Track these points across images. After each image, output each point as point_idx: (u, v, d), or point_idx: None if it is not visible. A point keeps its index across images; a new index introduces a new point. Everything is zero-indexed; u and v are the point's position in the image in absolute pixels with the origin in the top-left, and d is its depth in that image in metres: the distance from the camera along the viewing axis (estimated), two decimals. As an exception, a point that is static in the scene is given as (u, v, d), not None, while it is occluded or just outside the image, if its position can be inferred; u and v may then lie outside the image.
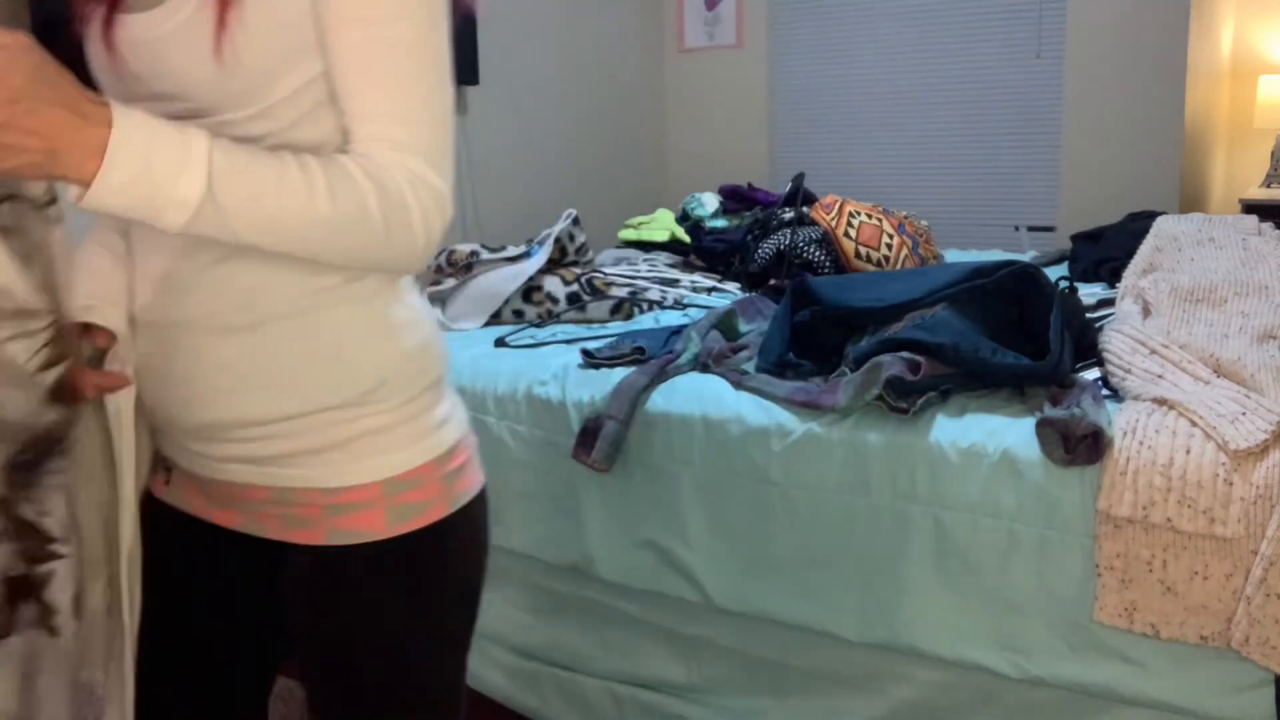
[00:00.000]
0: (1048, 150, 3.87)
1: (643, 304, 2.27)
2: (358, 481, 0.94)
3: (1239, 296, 1.80)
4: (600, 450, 1.64)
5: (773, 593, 1.59)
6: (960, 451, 1.45)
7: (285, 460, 0.94)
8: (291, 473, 0.94)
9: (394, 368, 0.96)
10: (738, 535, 1.61)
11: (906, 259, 2.41)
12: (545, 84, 3.96)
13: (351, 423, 0.94)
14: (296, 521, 0.96)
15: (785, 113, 4.40)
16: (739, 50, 4.42)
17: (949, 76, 4.02)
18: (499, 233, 3.85)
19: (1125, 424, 1.37)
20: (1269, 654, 1.24)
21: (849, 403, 1.53)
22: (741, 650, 1.69)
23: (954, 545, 1.45)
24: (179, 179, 0.78)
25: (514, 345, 2.00)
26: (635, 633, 1.78)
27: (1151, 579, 1.31)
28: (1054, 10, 3.77)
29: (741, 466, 1.60)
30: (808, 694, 1.64)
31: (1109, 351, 1.61)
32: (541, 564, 1.85)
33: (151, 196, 0.77)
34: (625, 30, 4.35)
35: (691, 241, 2.74)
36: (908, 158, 4.15)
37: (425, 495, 0.97)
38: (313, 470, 0.94)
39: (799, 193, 2.57)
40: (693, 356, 1.79)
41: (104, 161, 0.76)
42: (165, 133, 0.78)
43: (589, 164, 4.22)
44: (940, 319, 1.58)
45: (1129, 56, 3.62)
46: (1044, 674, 1.41)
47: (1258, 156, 4.28)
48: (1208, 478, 1.29)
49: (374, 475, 0.95)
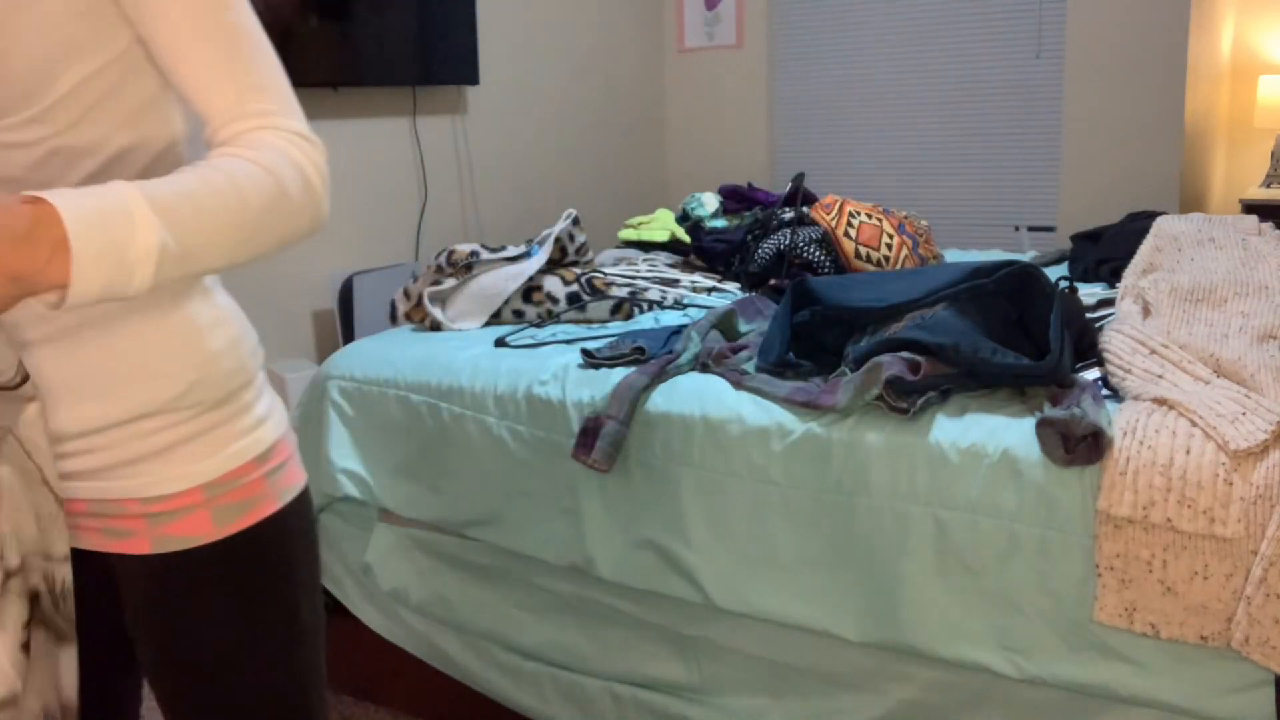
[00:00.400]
0: (1048, 150, 3.87)
1: (643, 304, 2.27)
2: (177, 489, 0.93)
3: (1239, 296, 1.80)
4: (600, 450, 1.64)
5: (773, 593, 1.59)
6: (960, 451, 1.45)
7: (103, 474, 0.92)
8: (109, 485, 0.93)
9: (203, 371, 0.94)
10: (738, 535, 1.61)
11: (906, 259, 2.41)
12: (545, 84, 3.96)
13: (166, 430, 0.92)
14: (118, 534, 0.94)
15: (785, 113, 4.40)
16: (739, 50, 4.42)
17: (949, 76, 4.02)
18: (499, 233, 3.85)
19: (1125, 424, 1.37)
20: (1269, 654, 1.24)
21: (849, 403, 1.53)
22: (741, 650, 1.69)
23: (954, 545, 1.45)
24: (135, 233, 0.74)
25: (514, 345, 2.00)
26: (635, 633, 1.78)
27: (1151, 579, 1.31)
28: (1054, 10, 3.77)
29: (741, 466, 1.60)
30: (807, 694, 1.64)
31: (1109, 351, 1.61)
32: (541, 564, 1.85)
33: (120, 261, 0.74)
34: (625, 30, 4.35)
35: (691, 241, 2.74)
36: (908, 158, 4.15)
37: (249, 494, 0.96)
38: (130, 481, 0.92)
39: (799, 193, 2.57)
40: (693, 356, 1.79)
41: (71, 253, 0.71)
42: (94, 194, 0.74)
43: (589, 164, 4.22)
44: (940, 319, 1.58)
45: (1129, 56, 3.63)
46: (1044, 674, 1.41)
47: (1258, 156, 4.28)
48: (1208, 478, 1.29)
49: (193, 480, 0.93)
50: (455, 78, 3.43)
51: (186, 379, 0.93)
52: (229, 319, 0.98)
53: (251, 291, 2.97)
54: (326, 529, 2.14)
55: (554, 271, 2.26)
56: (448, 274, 2.25)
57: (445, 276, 2.25)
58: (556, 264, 2.31)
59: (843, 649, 1.59)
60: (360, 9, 3.07)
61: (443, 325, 2.18)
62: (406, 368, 1.97)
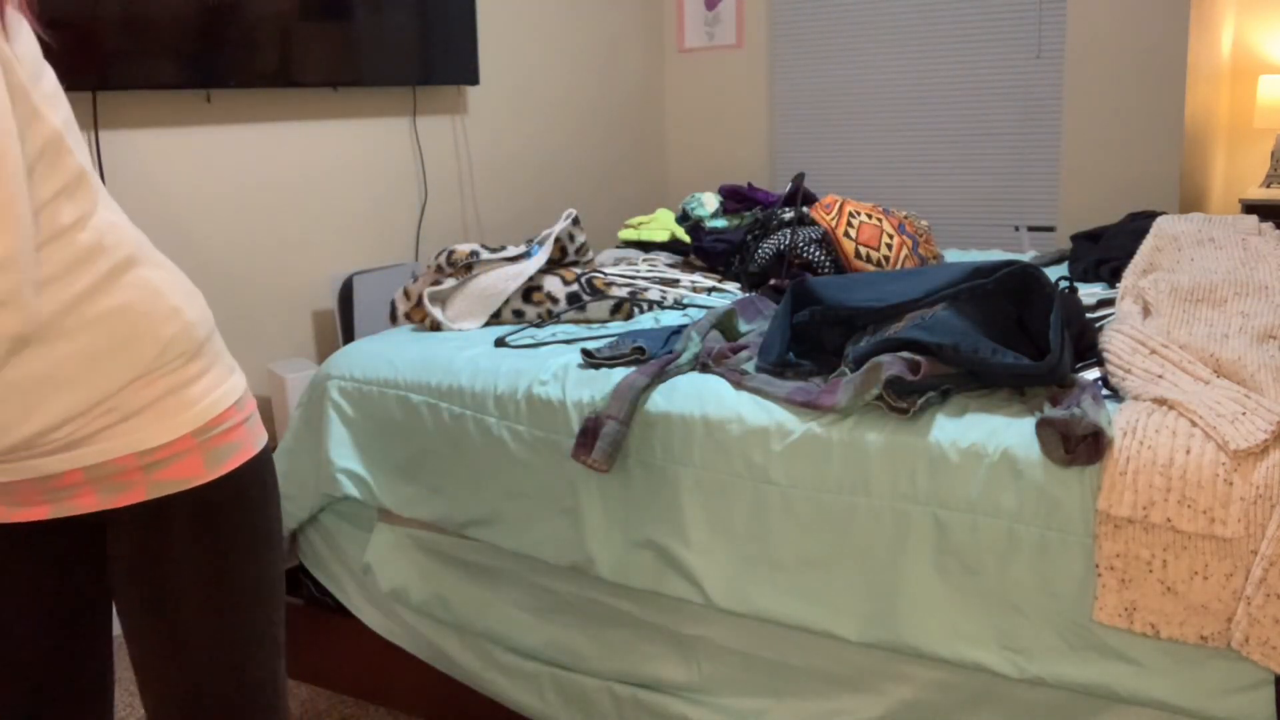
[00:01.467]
0: (1048, 150, 3.87)
1: (643, 304, 2.27)
2: (171, 438, 1.00)
3: (1239, 296, 1.80)
4: (600, 450, 1.64)
5: (773, 593, 1.59)
6: (960, 451, 1.45)
7: (96, 438, 0.98)
8: (104, 446, 0.99)
9: (174, 325, 1.01)
10: (738, 535, 1.61)
11: (906, 259, 2.41)
12: (545, 84, 3.96)
13: (152, 385, 0.99)
14: (116, 488, 1.01)
15: (785, 113, 4.40)
16: (739, 50, 4.42)
17: (949, 76, 4.02)
18: (499, 233, 3.85)
19: (1125, 424, 1.37)
20: (1269, 654, 1.24)
21: (849, 403, 1.53)
22: (741, 650, 1.69)
23: (954, 545, 1.45)
24: None
25: (514, 345, 2.00)
26: (635, 633, 1.78)
27: (1151, 579, 1.31)
28: (1054, 10, 3.77)
29: (741, 466, 1.60)
30: (807, 694, 1.64)
31: (1109, 351, 1.61)
32: (541, 564, 1.85)
33: None
34: (625, 30, 4.35)
35: (691, 241, 2.74)
36: (908, 158, 4.15)
37: (233, 438, 1.05)
38: (126, 438, 0.99)
39: (799, 193, 2.57)
40: (693, 356, 1.79)
41: None
42: None
43: (589, 164, 4.22)
44: (940, 319, 1.58)
45: (1129, 56, 3.63)
46: (1044, 674, 1.41)
47: (1258, 156, 4.28)
48: (1208, 478, 1.29)
49: (185, 427, 1.01)
50: (455, 78, 3.43)
51: (160, 339, 1.00)
52: (173, 279, 1.05)
53: (251, 291, 2.97)
54: (326, 529, 2.14)
55: (554, 271, 2.26)
56: (448, 274, 2.25)
57: (445, 276, 2.25)
58: (556, 264, 2.31)
59: (843, 649, 1.59)
60: (360, 9, 3.07)
61: (443, 325, 2.18)
62: (406, 368, 1.97)
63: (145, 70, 2.53)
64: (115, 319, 0.97)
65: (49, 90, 0.95)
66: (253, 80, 2.77)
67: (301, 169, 3.07)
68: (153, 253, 1.04)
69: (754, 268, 2.43)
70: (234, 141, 2.87)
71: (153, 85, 2.55)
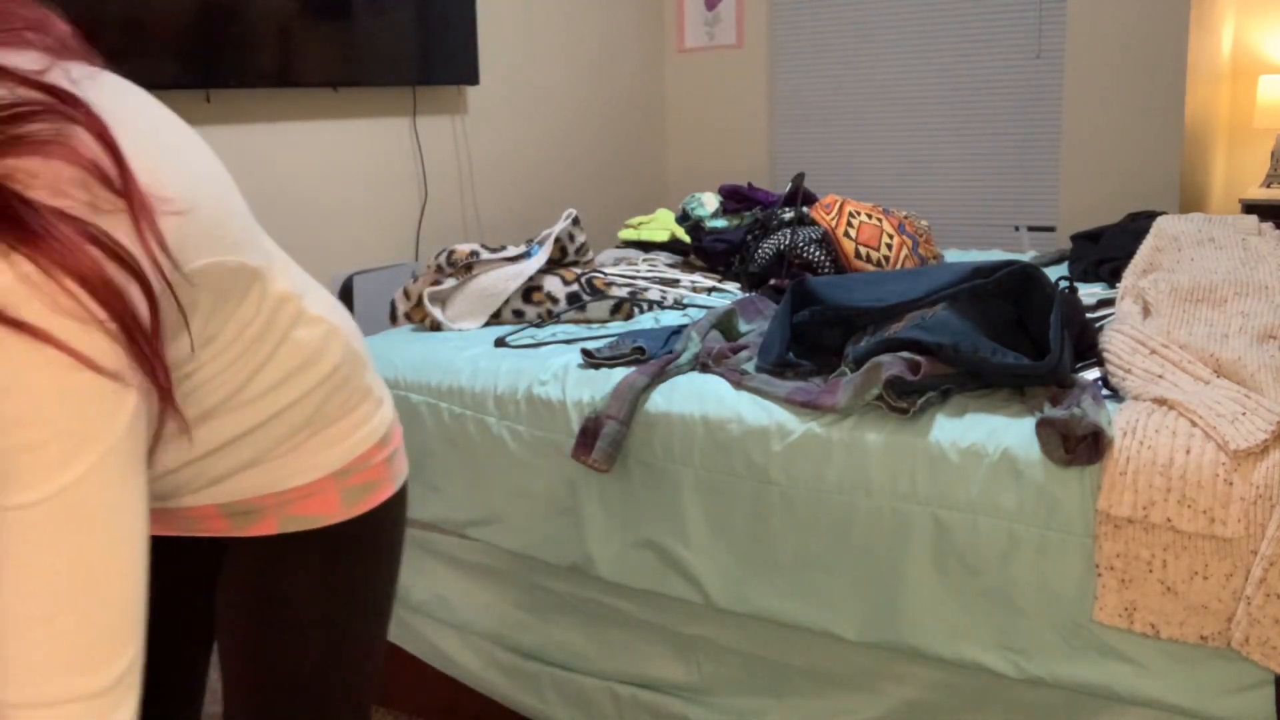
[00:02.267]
0: (1048, 150, 3.87)
1: (643, 304, 2.27)
2: (310, 479, 0.96)
3: (1239, 296, 1.80)
4: (600, 450, 1.64)
5: (773, 593, 1.59)
6: (960, 451, 1.45)
7: (233, 475, 0.95)
8: (244, 485, 0.95)
9: (324, 382, 0.95)
10: (738, 535, 1.61)
11: (906, 259, 2.41)
12: (545, 84, 3.96)
13: (298, 436, 0.95)
14: (249, 520, 0.97)
15: (785, 113, 4.40)
16: (739, 50, 4.42)
17: (949, 76, 4.02)
18: (499, 233, 3.85)
19: (1125, 424, 1.37)
20: (1269, 654, 1.24)
21: (849, 403, 1.53)
22: (741, 650, 1.69)
23: (954, 545, 1.45)
24: None
25: (514, 345, 2.00)
26: (635, 633, 1.78)
27: (1151, 579, 1.31)
28: (1054, 10, 3.77)
29: (741, 466, 1.60)
30: (808, 694, 1.64)
31: (1109, 351, 1.61)
32: (541, 564, 1.85)
33: None
34: (625, 30, 4.35)
35: (691, 241, 2.74)
36: (908, 158, 4.15)
37: (373, 477, 1.00)
38: (264, 478, 0.95)
39: (799, 193, 2.57)
40: (693, 356, 1.79)
41: None
42: None
43: (589, 164, 4.22)
44: (940, 319, 1.58)
45: (1129, 56, 3.63)
46: (1044, 674, 1.41)
47: (1258, 156, 4.28)
48: (1208, 478, 1.29)
49: (325, 470, 0.96)
50: (455, 78, 3.43)
51: (315, 399, 0.95)
52: (328, 321, 0.97)
53: (251, 291, 2.97)
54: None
55: (554, 271, 2.26)
56: (448, 274, 2.25)
57: (445, 276, 2.25)
58: (556, 264, 2.30)
59: (843, 649, 1.59)
60: (360, 9, 3.07)
61: (443, 325, 2.18)
62: (406, 368, 1.97)
63: (145, 70, 2.53)
64: (278, 393, 0.93)
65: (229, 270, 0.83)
66: (252, 80, 2.77)
67: (301, 169, 3.07)
68: (310, 303, 0.96)
69: (754, 268, 2.43)
70: (234, 141, 2.87)
71: (152, 85, 2.55)
